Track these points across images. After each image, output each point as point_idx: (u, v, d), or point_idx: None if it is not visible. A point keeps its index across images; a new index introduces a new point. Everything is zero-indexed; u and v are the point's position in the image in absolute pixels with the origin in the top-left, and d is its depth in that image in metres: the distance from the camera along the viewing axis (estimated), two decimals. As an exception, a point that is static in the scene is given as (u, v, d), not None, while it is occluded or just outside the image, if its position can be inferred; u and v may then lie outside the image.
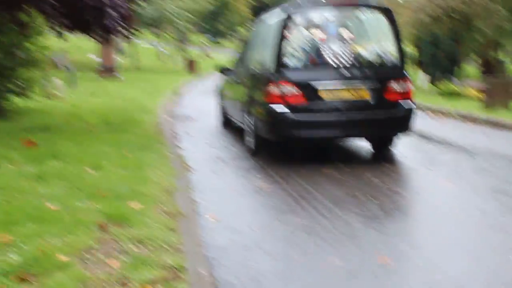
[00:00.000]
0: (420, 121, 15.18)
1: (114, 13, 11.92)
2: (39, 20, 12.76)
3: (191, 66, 37.31)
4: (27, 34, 12.57)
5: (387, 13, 9.86)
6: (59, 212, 5.85)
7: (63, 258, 4.74)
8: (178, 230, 5.67)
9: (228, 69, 13.33)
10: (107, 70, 28.29)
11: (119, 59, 31.70)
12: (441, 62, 28.46)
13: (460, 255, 5.43)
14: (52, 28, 12.52)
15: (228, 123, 13.55)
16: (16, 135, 10.32)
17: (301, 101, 9.29)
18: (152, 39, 60.30)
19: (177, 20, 40.03)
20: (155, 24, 40.19)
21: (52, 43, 16.68)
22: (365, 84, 9.45)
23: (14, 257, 4.70)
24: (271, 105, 9.35)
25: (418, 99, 20.31)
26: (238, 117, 11.73)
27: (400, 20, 36.82)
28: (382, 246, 5.64)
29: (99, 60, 29.78)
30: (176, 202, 6.64)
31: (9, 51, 13.30)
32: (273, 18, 10.52)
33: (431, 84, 27.95)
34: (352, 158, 10.19)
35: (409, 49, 47.21)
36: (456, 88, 22.60)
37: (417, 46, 30.74)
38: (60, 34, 13.06)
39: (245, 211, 6.90)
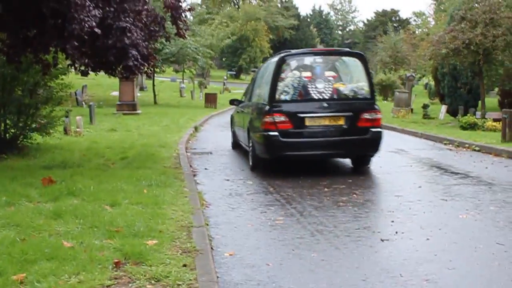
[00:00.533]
0: (438, 153, 15.15)
1: (135, 53, 12.04)
2: (63, 60, 12.94)
3: (210, 100, 37.45)
4: (49, 73, 12.74)
5: (360, 57, 12.49)
6: (75, 250, 5.87)
7: (77, 296, 4.75)
8: (194, 267, 5.65)
9: (237, 101, 16.08)
10: (127, 106, 28.48)
11: (138, 94, 31.87)
12: (461, 95, 28.39)
13: (478, 291, 5.36)
14: (76, 68, 12.69)
15: (237, 145, 16.01)
16: (35, 173, 10.43)
17: (289, 127, 11.52)
18: (173, 74, 60.79)
19: (198, 56, 40.23)
20: (176, 60, 40.36)
21: (73, 79, 16.86)
22: (342, 114, 11.66)
23: (28, 296, 4.71)
24: (265, 131, 11.58)
25: (437, 131, 20.29)
26: (243, 140, 14.18)
27: (419, 53, 36.72)
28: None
29: (118, 95, 29.99)
30: (192, 239, 6.63)
31: (32, 89, 13.51)
32: (271, 61, 13.20)
33: (451, 116, 27.85)
34: (369, 188, 10.14)
35: (429, 81, 47.25)
36: (476, 121, 22.50)
37: (436, 79, 30.67)
38: (84, 74, 13.27)
39: (261, 246, 6.86)
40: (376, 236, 7.22)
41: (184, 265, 5.64)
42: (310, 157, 12.30)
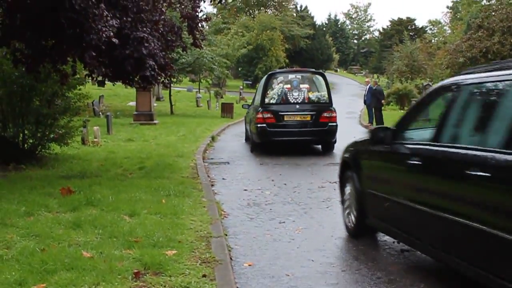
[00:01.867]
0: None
1: (152, 63, 12.08)
2: (80, 71, 13.00)
3: (226, 110, 37.45)
4: (67, 83, 12.79)
5: (322, 75, 18.45)
6: (94, 260, 5.87)
7: (97, 307, 4.74)
8: (213, 277, 5.64)
9: (247, 105, 22.06)
10: (144, 116, 28.53)
11: (154, 104, 31.94)
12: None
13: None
14: (93, 78, 12.74)
15: (248, 138, 20.17)
16: (53, 183, 10.46)
17: (273, 121, 16.76)
18: (189, 84, 60.92)
19: (214, 66, 40.25)
20: (192, 69, 40.36)
21: (90, 90, 16.88)
22: (308, 113, 16.97)
23: (48, 307, 4.71)
24: (257, 124, 16.93)
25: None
26: (249, 133, 19.10)
27: (436, 61, 36.45)
28: None
29: (135, 105, 30.06)
30: (211, 249, 6.62)
31: (50, 100, 13.57)
32: (265, 76, 18.78)
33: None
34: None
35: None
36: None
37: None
38: (101, 84, 13.33)
39: (280, 257, 6.83)
40: (395, 246, 7.17)
41: (204, 276, 5.63)
42: (288, 141, 17.09)
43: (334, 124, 16.98)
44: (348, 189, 7.82)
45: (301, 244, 7.38)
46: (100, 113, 31.07)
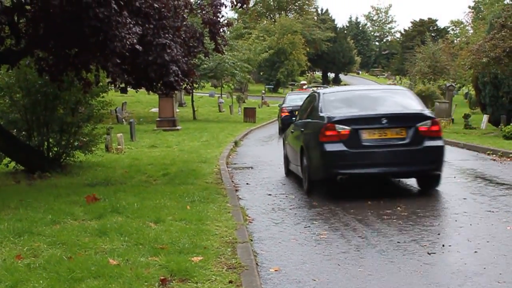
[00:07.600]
0: (482, 164, 14.90)
1: (176, 68, 12.12)
2: (103, 78, 13.08)
3: (249, 114, 37.47)
4: (90, 91, 12.87)
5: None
6: (121, 268, 5.88)
7: (125, 314, 4.74)
8: (240, 283, 5.63)
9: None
10: (167, 122, 28.63)
11: (177, 110, 32.06)
12: (503, 104, 27.92)
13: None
14: (116, 85, 12.79)
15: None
16: (78, 191, 10.53)
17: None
18: (211, 89, 61.09)
19: (236, 71, 40.36)
20: (214, 75, 40.51)
21: (113, 97, 16.97)
22: None
23: (77, 315, 4.72)
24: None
25: (480, 141, 19.97)
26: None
27: (459, 62, 36.08)
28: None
29: (157, 111, 30.19)
30: (237, 255, 6.61)
31: (74, 108, 13.67)
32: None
33: (493, 126, 27.42)
34: (412, 201, 9.97)
35: (470, 91, 46.70)
36: (520, 130, 21.99)
37: (477, 88, 30.23)
38: (124, 91, 13.38)
39: (306, 261, 6.80)
40: (423, 249, 7.11)
41: (230, 282, 5.63)
42: None
43: None
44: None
45: (327, 248, 7.34)
46: (123, 120, 31.25)
